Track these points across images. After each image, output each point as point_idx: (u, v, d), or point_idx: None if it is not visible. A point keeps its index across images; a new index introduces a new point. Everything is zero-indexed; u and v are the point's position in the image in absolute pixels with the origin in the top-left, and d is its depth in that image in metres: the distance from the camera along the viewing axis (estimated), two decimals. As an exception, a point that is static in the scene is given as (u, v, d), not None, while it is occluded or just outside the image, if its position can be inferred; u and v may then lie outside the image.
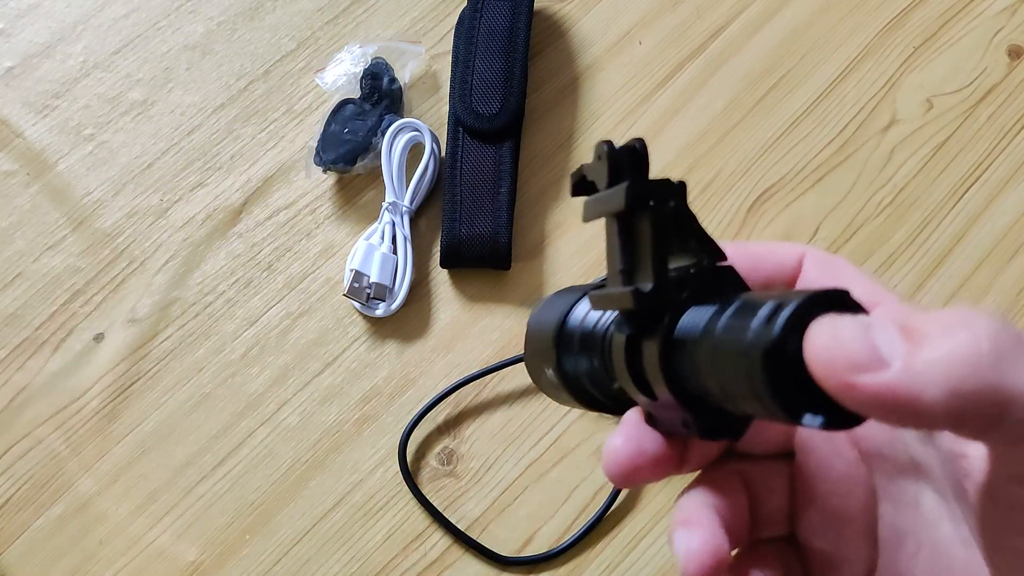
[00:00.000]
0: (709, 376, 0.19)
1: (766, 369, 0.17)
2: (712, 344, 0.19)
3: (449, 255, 0.53)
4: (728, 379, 0.19)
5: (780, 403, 0.17)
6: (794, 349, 0.17)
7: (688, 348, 0.20)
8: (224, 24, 0.59)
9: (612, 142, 0.21)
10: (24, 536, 0.49)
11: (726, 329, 0.19)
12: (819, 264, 0.24)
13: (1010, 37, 0.58)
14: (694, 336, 0.20)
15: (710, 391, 0.20)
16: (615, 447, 0.22)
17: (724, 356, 0.19)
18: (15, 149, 0.56)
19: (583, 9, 0.59)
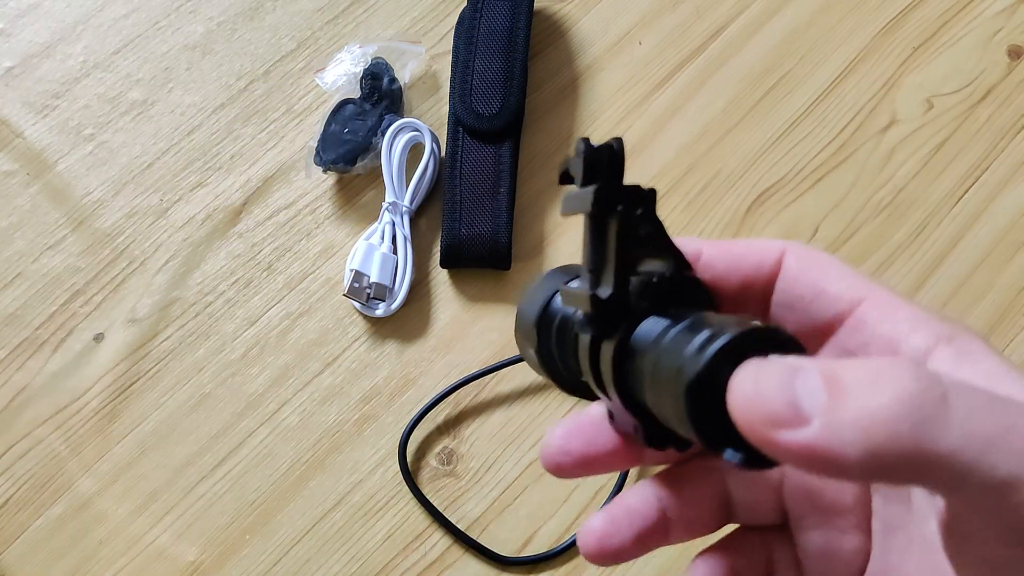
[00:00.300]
0: (649, 389, 0.20)
1: (689, 399, 0.17)
2: (654, 360, 0.19)
3: (449, 255, 0.53)
4: (661, 398, 0.19)
5: (701, 434, 0.17)
6: (720, 383, 0.17)
7: (637, 358, 0.20)
8: (224, 24, 0.59)
9: (589, 140, 0.21)
10: (24, 536, 0.49)
11: (667, 349, 0.19)
12: (800, 260, 0.23)
13: (1010, 37, 0.58)
14: (643, 347, 0.20)
15: (650, 403, 0.20)
16: (552, 438, 0.24)
17: (661, 374, 0.19)
18: (15, 149, 0.56)
19: (583, 9, 0.59)
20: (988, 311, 0.53)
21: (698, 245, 0.23)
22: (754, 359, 0.17)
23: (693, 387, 0.17)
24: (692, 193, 0.55)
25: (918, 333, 0.20)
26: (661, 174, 0.56)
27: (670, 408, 0.18)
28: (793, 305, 0.23)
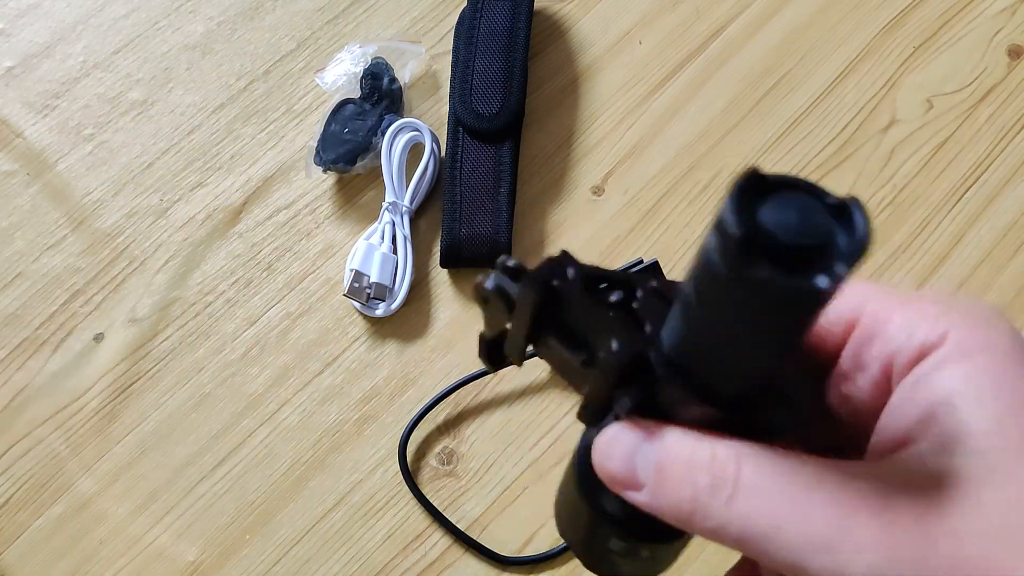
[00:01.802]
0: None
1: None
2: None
3: (449, 255, 0.53)
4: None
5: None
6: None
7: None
8: (224, 24, 0.59)
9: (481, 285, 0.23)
10: (24, 536, 0.49)
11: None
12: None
13: (1010, 37, 0.58)
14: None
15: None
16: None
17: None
18: (15, 149, 0.56)
19: (583, 9, 0.59)
20: (988, 311, 0.52)
21: None
22: (612, 426, 0.21)
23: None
24: (693, 193, 0.55)
25: (909, 344, 0.20)
26: (661, 174, 0.56)
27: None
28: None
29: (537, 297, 0.22)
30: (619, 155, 0.56)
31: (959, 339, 0.20)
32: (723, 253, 0.16)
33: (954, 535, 0.17)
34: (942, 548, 0.17)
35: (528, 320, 0.22)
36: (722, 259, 0.16)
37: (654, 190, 0.55)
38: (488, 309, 0.24)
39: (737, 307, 0.17)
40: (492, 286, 0.22)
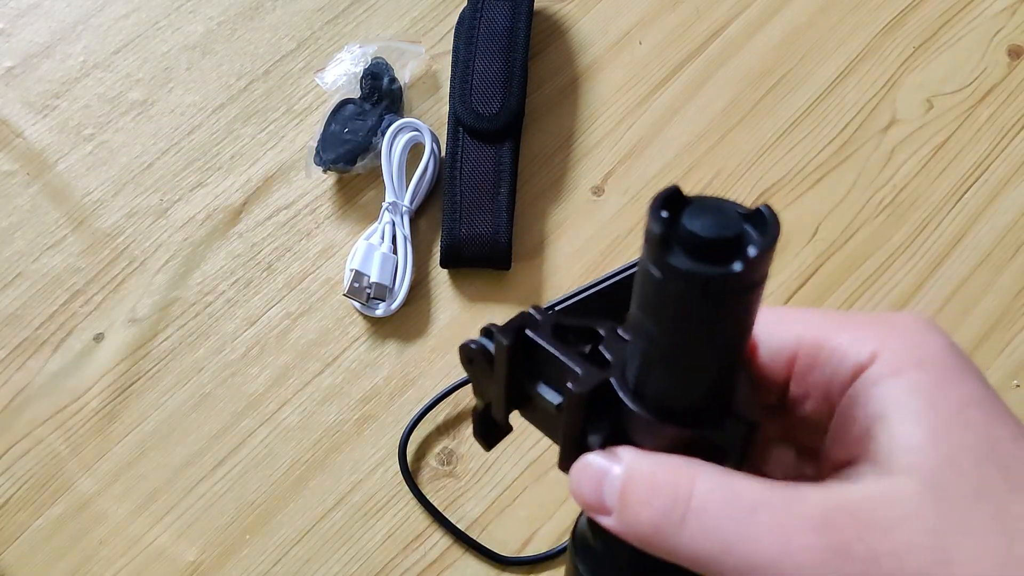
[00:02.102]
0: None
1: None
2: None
3: (449, 255, 0.53)
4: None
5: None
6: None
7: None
8: (224, 24, 0.59)
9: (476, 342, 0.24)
10: (24, 536, 0.49)
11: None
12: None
13: (1010, 37, 0.58)
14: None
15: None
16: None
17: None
18: (15, 149, 0.56)
19: (583, 9, 0.59)
20: (988, 311, 0.53)
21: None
22: (583, 459, 0.22)
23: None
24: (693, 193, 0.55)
25: (841, 369, 0.21)
26: (661, 174, 0.56)
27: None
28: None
29: (510, 342, 0.23)
30: (619, 155, 0.56)
31: (890, 357, 0.20)
32: (651, 254, 0.18)
33: (894, 554, 0.18)
34: (884, 566, 0.18)
35: (506, 371, 0.23)
36: (651, 260, 0.18)
37: (654, 190, 0.55)
38: (473, 371, 0.25)
39: (675, 309, 0.19)
40: (475, 345, 0.24)
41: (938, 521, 0.18)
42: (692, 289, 0.18)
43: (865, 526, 0.18)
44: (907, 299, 0.53)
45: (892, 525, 0.18)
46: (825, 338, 0.22)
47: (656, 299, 0.19)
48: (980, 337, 0.52)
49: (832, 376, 0.21)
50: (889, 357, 0.20)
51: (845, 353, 0.21)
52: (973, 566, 0.18)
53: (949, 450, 0.19)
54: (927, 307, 0.53)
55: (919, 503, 0.18)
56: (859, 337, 0.21)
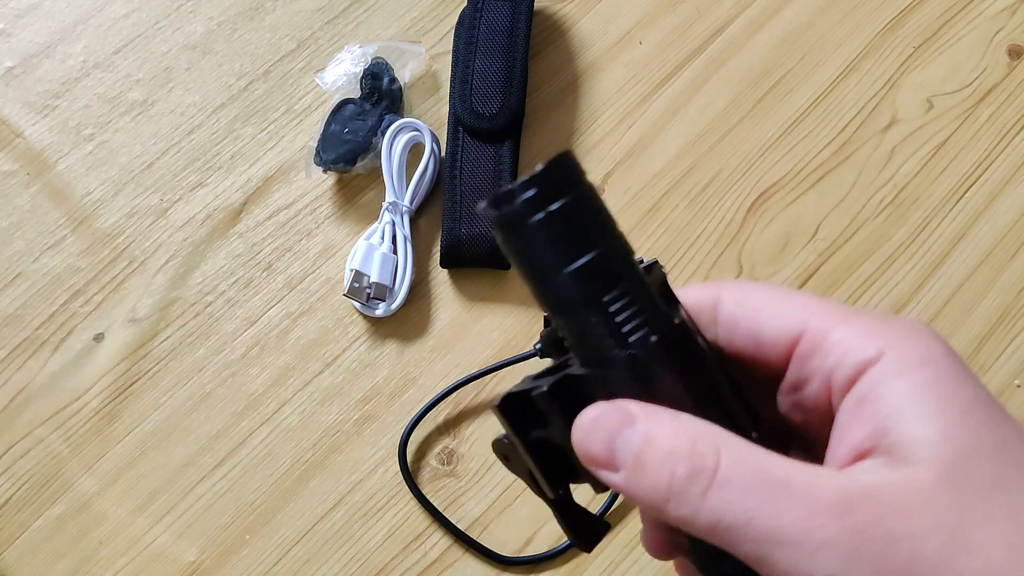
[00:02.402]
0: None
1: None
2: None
3: (449, 255, 0.53)
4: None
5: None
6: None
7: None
8: (224, 24, 0.59)
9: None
10: (24, 536, 0.49)
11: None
12: (735, 306, 0.24)
13: (1010, 37, 0.58)
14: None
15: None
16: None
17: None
18: (15, 149, 0.56)
19: (583, 9, 0.59)
20: (988, 311, 0.53)
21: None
22: (597, 404, 0.21)
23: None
24: (693, 192, 0.55)
25: (848, 360, 0.21)
26: (662, 174, 0.56)
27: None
28: (741, 356, 0.24)
29: (498, 404, 0.23)
30: (619, 155, 0.56)
31: (897, 356, 0.21)
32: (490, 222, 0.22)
33: (914, 537, 0.18)
34: (903, 548, 0.18)
35: (522, 442, 0.23)
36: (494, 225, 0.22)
37: (654, 190, 0.55)
38: (511, 465, 0.25)
39: (512, 255, 0.22)
40: (502, 438, 0.24)
41: (956, 508, 0.19)
42: (497, 230, 0.22)
43: (886, 510, 0.19)
44: (907, 299, 0.53)
45: (912, 510, 0.19)
46: (831, 328, 0.22)
47: (518, 252, 0.22)
48: (981, 337, 0.52)
49: (836, 366, 0.22)
50: (895, 356, 0.21)
51: (850, 346, 0.21)
52: (989, 551, 0.18)
53: (964, 445, 0.19)
54: (927, 307, 0.53)
55: (938, 491, 0.19)
56: (865, 333, 0.21)
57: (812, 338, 0.22)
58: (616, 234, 0.22)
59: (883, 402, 0.20)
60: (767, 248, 0.54)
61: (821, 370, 0.22)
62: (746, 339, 0.23)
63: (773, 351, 0.23)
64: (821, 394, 0.22)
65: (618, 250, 0.22)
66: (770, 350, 0.23)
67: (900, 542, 0.18)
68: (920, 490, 0.19)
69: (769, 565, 0.19)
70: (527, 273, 0.22)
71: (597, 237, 0.21)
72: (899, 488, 0.19)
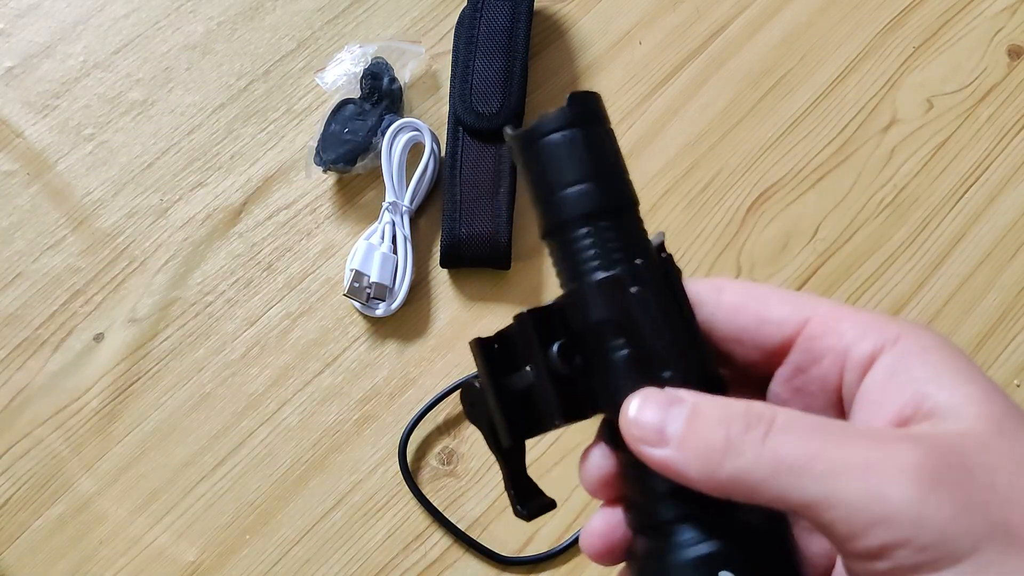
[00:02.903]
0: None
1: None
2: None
3: (449, 255, 0.53)
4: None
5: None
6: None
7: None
8: (224, 24, 0.59)
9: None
10: (24, 536, 0.49)
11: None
12: (738, 294, 0.24)
13: (1010, 37, 0.58)
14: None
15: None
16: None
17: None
18: (15, 149, 0.56)
19: (583, 9, 0.59)
20: (988, 311, 0.53)
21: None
22: (644, 389, 0.22)
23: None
24: (693, 192, 0.55)
25: (864, 341, 0.22)
26: (662, 174, 0.56)
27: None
28: (740, 338, 0.24)
29: (481, 354, 0.24)
30: (619, 155, 0.56)
31: (913, 339, 0.21)
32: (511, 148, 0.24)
33: (986, 467, 0.19)
34: (980, 476, 0.18)
35: (490, 383, 0.24)
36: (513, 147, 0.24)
37: (654, 190, 0.55)
38: (474, 412, 0.25)
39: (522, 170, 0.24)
40: (467, 382, 0.25)
41: (1013, 451, 0.19)
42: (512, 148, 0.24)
43: (953, 447, 0.19)
44: (907, 299, 0.53)
45: (978, 451, 0.19)
46: (842, 316, 0.22)
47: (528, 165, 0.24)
48: (981, 337, 0.52)
49: (853, 345, 0.22)
50: (912, 339, 0.21)
51: (866, 329, 0.22)
52: None
53: (1004, 405, 0.20)
54: (927, 307, 0.53)
55: (995, 439, 0.19)
56: (876, 321, 0.22)
57: (823, 322, 0.22)
58: (619, 173, 0.24)
59: (915, 372, 0.21)
60: (767, 248, 0.54)
61: (835, 349, 0.22)
62: (750, 318, 0.23)
63: (779, 331, 0.23)
64: (831, 373, 0.22)
65: (618, 188, 0.23)
66: (774, 330, 0.23)
67: (976, 470, 0.19)
68: (979, 437, 0.19)
69: (830, 505, 0.19)
70: (535, 190, 0.24)
71: (603, 170, 0.23)
72: (959, 436, 0.19)
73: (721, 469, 0.20)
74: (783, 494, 0.19)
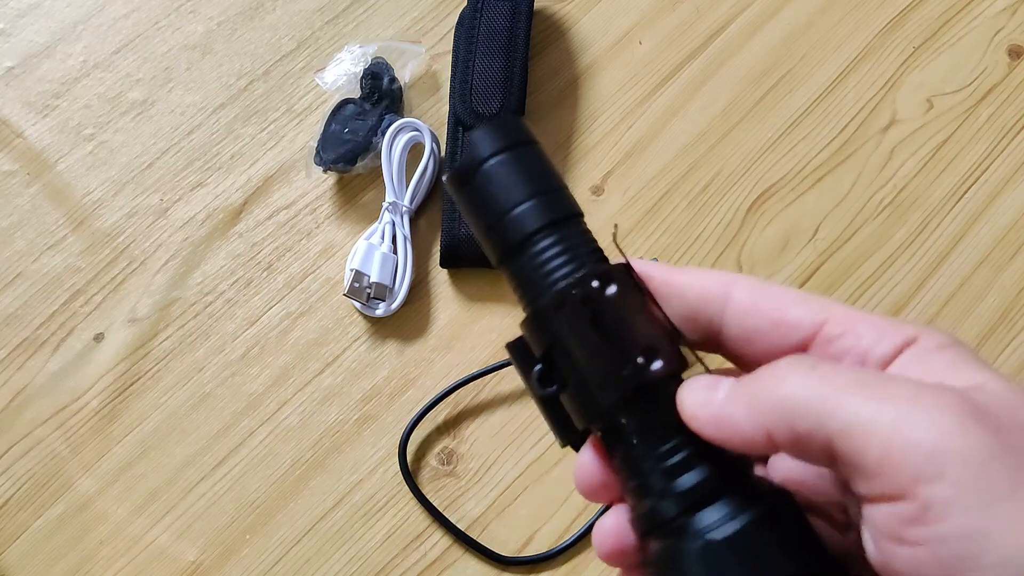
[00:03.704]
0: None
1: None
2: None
3: (449, 255, 0.53)
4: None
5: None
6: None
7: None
8: (224, 24, 0.59)
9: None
10: (24, 536, 0.49)
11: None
12: (751, 292, 0.24)
13: (1010, 37, 0.58)
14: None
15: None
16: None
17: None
18: (15, 149, 0.56)
19: (583, 9, 0.59)
20: (989, 311, 0.53)
21: (648, 269, 0.24)
22: (696, 378, 0.22)
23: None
24: (693, 192, 0.55)
25: (883, 340, 0.22)
26: (661, 174, 0.56)
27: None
28: (751, 338, 0.24)
29: (514, 358, 0.26)
30: (619, 155, 0.56)
31: (929, 339, 0.22)
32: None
33: (1018, 423, 0.19)
34: (1012, 430, 0.18)
35: (525, 378, 0.26)
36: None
37: (654, 190, 0.55)
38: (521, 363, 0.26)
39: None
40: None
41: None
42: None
43: (987, 404, 0.19)
44: (907, 299, 0.53)
45: (1008, 411, 0.19)
46: (858, 318, 0.22)
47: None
48: (981, 337, 0.52)
49: (873, 344, 0.22)
50: (930, 337, 0.22)
51: (885, 329, 0.22)
52: None
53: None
54: (927, 307, 0.53)
55: (1021, 407, 0.19)
56: (894, 323, 0.22)
57: (840, 323, 0.22)
58: (556, 184, 0.24)
59: (935, 365, 0.21)
60: (767, 248, 0.54)
61: (854, 350, 0.22)
62: (764, 319, 0.23)
63: (795, 333, 0.23)
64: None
65: (558, 200, 0.24)
66: (790, 332, 0.23)
67: (1008, 423, 0.19)
68: (1006, 402, 0.19)
69: (868, 430, 0.19)
70: (477, 223, 0.25)
71: (538, 185, 0.24)
72: (987, 399, 0.19)
73: (766, 399, 0.20)
74: (821, 418, 0.19)
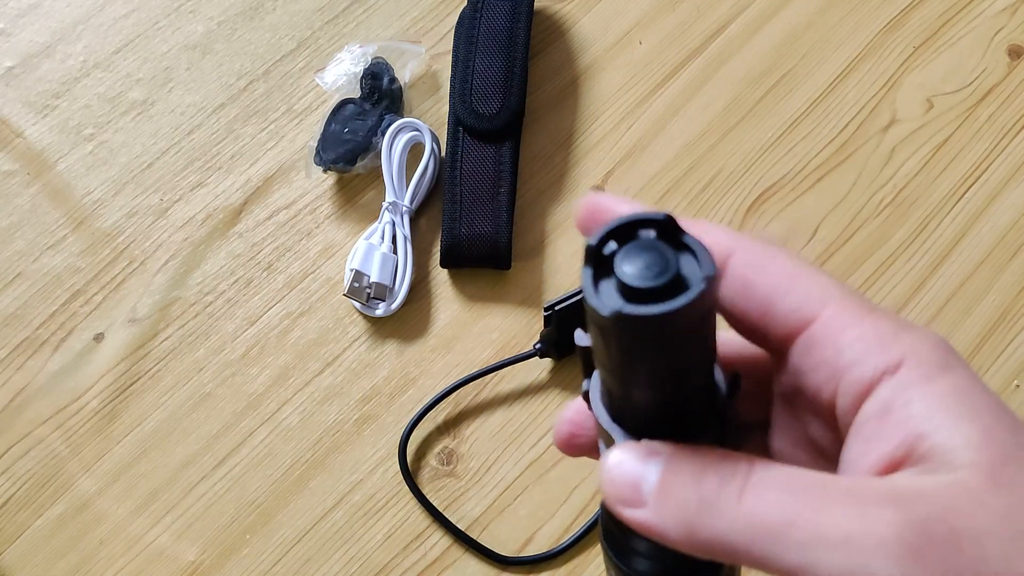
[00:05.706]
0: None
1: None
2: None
3: (449, 255, 0.53)
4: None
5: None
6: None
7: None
8: (224, 24, 0.59)
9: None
10: (24, 536, 0.49)
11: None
12: (749, 266, 0.22)
13: (1010, 37, 0.58)
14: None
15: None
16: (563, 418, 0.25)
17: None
18: (15, 149, 0.56)
19: (583, 9, 0.59)
20: (988, 311, 0.53)
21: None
22: (621, 445, 0.21)
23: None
24: (693, 192, 0.55)
25: (865, 362, 0.20)
26: (662, 173, 0.56)
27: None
28: (740, 316, 0.22)
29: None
30: (619, 155, 0.56)
31: (918, 362, 0.20)
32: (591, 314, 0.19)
33: (975, 540, 0.17)
34: (968, 549, 0.17)
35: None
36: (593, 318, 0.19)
37: (654, 190, 0.55)
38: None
39: (618, 349, 0.19)
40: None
41: (1010, 509, 0.18)
42: (641, 327, 0.18)
43: (944, 509, 0.18)
44: (907, 299, 0.53)
45: (968, 511, 0.18)
46: (848, 324, 0.21)
47: (602, 341, 0.19)
48: (981, 337, 0.52)
49: (851, 366, 0.20)
50: (917, 363, 0.20)
51: (868, 349, 0.20)
52: None
53: (1005, 447, 0.19)
54: (927, 307, 0.53)
55: (989, 493, 0.18)
56: (883, 336, 0.20)
57: (826, 325, 0.21)
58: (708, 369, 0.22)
59: (913, 408, 0.19)
60: (767, 248, 0.54)
61: (833, 365, 0.20)
62: (753, 303, 0.21)
63: (780, 326, 0.21)
64: (823, 389, 0.21)
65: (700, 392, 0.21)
66: (775, 324, 0.21)
67: (964, 542, 0.17)
68: (971, 491, 0.18)
69: (815, 574, 0.18)
70: (619, 363, 0.20)
71: (693, 367, 0.21)
72: (950, 490, 0.18)
73: (700, 531, 0.19)
74: (764, 560, 0.18)
